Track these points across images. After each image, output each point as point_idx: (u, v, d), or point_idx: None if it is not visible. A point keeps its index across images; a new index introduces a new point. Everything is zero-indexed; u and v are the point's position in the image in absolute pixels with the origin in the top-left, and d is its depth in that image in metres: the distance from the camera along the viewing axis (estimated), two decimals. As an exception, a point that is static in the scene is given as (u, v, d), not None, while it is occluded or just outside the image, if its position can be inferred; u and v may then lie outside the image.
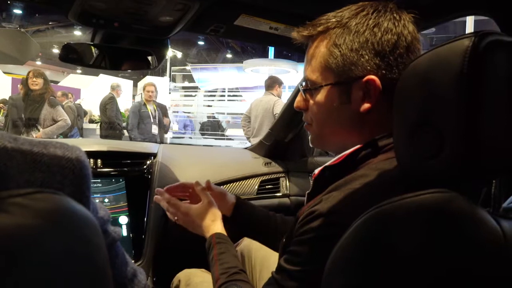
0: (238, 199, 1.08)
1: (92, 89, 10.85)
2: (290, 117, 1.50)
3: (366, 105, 0.61)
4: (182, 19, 0.99)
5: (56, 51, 13.74)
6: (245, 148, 1.82)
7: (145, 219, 1.26)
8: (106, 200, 1.24)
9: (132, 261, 0.57)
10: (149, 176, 1.33)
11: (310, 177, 1.55)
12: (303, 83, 0.70)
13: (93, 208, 0.44)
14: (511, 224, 0.42)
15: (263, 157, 1.66)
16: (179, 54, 13.73)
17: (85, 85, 11.34)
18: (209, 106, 10.06)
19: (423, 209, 0.42)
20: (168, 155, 1.45)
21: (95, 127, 7.41)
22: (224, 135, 9.08)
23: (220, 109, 10.04)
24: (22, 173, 0.35)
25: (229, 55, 15.13)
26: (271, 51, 9.54)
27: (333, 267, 0.47)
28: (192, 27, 1.04)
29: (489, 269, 0.40)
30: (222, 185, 1.42)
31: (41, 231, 0.33)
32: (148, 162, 1.37)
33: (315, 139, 0.73)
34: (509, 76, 0.41)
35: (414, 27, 0.63)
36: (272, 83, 3.99)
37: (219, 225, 0.95)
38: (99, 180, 1.25)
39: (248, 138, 4.11)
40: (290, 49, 1.58)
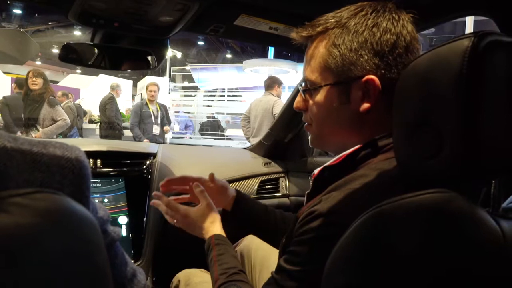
0: (239, 193, 1.08)
1: (92, 89, 10.86)
2: (290, 117, 1.50)
3: (366, 105, 0.61)
4: (182, 19, 0.99)
5: (56, 51, 13.73)
6: (245, 148, 1.82)
7: (145, 219, 1.26)
8: (106, 200, 1.24)
9: (132, 261, 0.57)
10: (149, 176, 1.33)
11: (310, 177, 1.55)
12: (302, 84, 0.70)
13: (93, 208, 0.44)
14: (511, 224, 0.42)
15: (263, 157, 1.66)
16: (179, 54, 13.73)
17: (85, 85, 11.34)
18: (209, 106, 10.06)
19: (423, 209, 0.42)
20: (168, 155, 1.45)
21: (95, 127, 7.40)
22: (224, 135, 9.07)
23: (220, 109, 10.04)
24: (22, 173, 0.35)
25: (229, 55, 15.13)
26: (271, 51, 9.54)
27: (333, 267, 0.47)
28: (192, 27, 1.04)
29: (489, 269, 0.40)
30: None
31: (41, 231, 0.33)
32: (148, 162, 1.37)
33: (315, 139, 0.73)
34: (509, 76, 0.41)
35: (413, 27, 0.63)
36: (272, 83, 3.99)
37: (218, 227, 0.95)
38: (99, 180, 1.25)
39: (248, 138, 4.11)
40: (290, 49, 1.58)
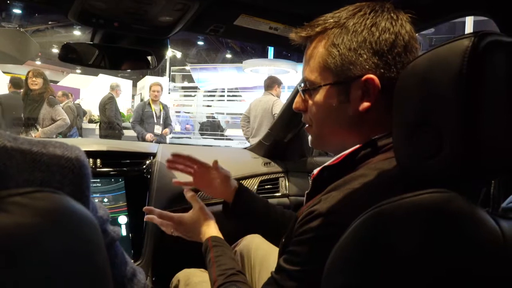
0: (240, 185, 1.08)
1: (92, 89, 10.85)
2: (290, 117, 1.50)
3: (366, 104, 0.61)
4: (182, 19, 0.99)
5: (56, 51, 13.73)
6: (245, 148, 1.82)
7: (144, 219, 1.26)
8: (106, 200, 1.24)
9: (132, 261, 0.57)
10: (149, 176, 1.33)
11: (309, 177, 1.55)
12: (302, 84, 0.70)
13: (93, 208, 0.44)
14: (510, 224, 0.42)
15: (263, 157, 1.66)
16: (179, 54, 13.73)
17: (85, 85, 11.34)
18: (209, 106, 10.06)
19: (422, 209, 0.42)
20: (168, 155, 1.44)
21: (95, 127, 7.40)
22: (224, 135, 9.07)
23: (220, 109, 10.05)
24: (22, 173, 0.35)
25: (229, 55, 15.13)
26: (271, 51, 9.54)
27: (333, 267, 0.47)
28: (192, 27, 1.04)
29: (488, 269, 0.40)
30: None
31: (41, 230, 0.33)
32: (148, 162, 1.37)
33: (315, 140, 0.73)
34: (509, 76, 0.41)
35: (411, 27, 0.63)
36: (272, 83, 3.99)
37: (214, 229, 0.96)
38: (99, 180, 1.25)
39: (247, 138, 4.10)
40: (290, 49, 1.58)
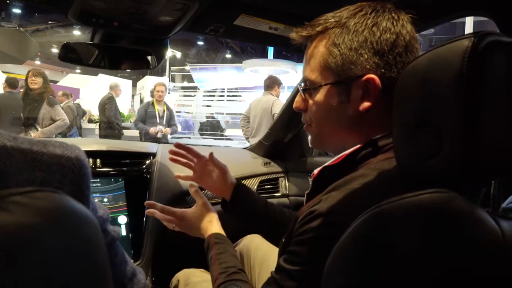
0: (239, 182, 1.08)
1: (91, 89, 10.85)
2: (290, 117, 1.50)
3: (366, 104, 0.61)
4: (182, 19, 0.99)
5: (55, 51, 13.73)
6: (244, 148, 1.82)
7: (144, 219, 1.26)
8: (105, 200, 1.23)
9: (131, 261, 0.57)
10: (148, 176, 1.33)
11: (309, 177, 1.55)
12: (302, 84, 0.70)
13: (93, 207, 0.44)
14: (510, 224, 0.42)
15: (262, 157, 1.66)
16: (179, 54, 13.73)
17: (84, 85, 11.33)
18: (208, 106, 10.07)
19: (422, 209, 0.42)
20: (167, 155, 1.44)
21: (94, 127, 7.40)
22: (223, 135, 9.08)
23: (219, 109, 10.05)
24: (22, 172, 0.35)
25: (229, 55, 15.13)
26: (271, 51, 9.55)
27: (333, 267, 0.47)
28: (192, 27, 1.04)
29: (488, 269, 0.40)
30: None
31: (41, 230, 0.33)
32: (147, 162, 1.37)
33: (315, 140, 0.73)
34: (509, 76, 0.41)
35: (412, 27, 0.64)
36: (272, 83, 3.99)
37: (216, 225, 0.95)
38: (98, 180, 1.25)
39: (247, 138, 4.11)
40: (290, 49, 1.58)
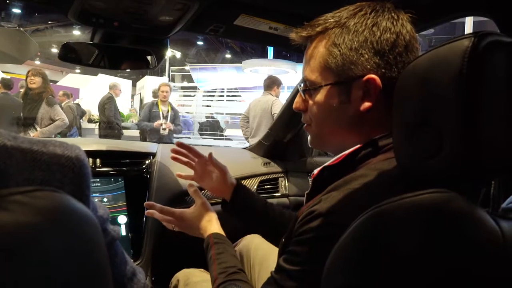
0: (238, 182, 1.08)
1: (91, 89, 10.85)
2: (289, 117, 1.50)
3: (367, 104, 0.61)
4: (182, 19, 0.99)
5: (55, 51, 13.73)
6: (244, 148, 1.82)
7: (144, 219, 1.25)
8: (105, 200, 1.23)
9: (131, 260, 0.57)
10: (148, 176, 1.33)
11: (309, 177, 1.55)
12: (302, 84, 0.70)
13: (93, 207, 0.44)
14: (510, 225, 0.42)
15: (262, 157, 1.66)
16: (178, 54, 13.74)
17: (84, 85, 11.33)
18: (208, 106, 10.07)
19: (422, 209, 0.42)
20: (167, 155, 1.44)
21: (94, 127, 7.40)
22: (223, 135, 9.08)
23: (219, 109, 10.05)
24: (22, 172, 0.35)
25: (228, 55, 15.13)
26: (270, 51, 9.55)
27: (332, 267, 0.47)
28: (192, 27, 1.04)
29: (488, 269, 0.40)
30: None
31: (41, 229, 0.33)
32: (147, 162, 1.36)
33: (315, 140, 0.73)
34: (509, 76, 0.41)
35: (412, 27, 0.64)
36: (271, 84, 3.99)
37: (216, 225, 0.95)
38: (98, 180, 1.25)
39: (247, 138, 4.11)
40: (290, 49, 1.58)
